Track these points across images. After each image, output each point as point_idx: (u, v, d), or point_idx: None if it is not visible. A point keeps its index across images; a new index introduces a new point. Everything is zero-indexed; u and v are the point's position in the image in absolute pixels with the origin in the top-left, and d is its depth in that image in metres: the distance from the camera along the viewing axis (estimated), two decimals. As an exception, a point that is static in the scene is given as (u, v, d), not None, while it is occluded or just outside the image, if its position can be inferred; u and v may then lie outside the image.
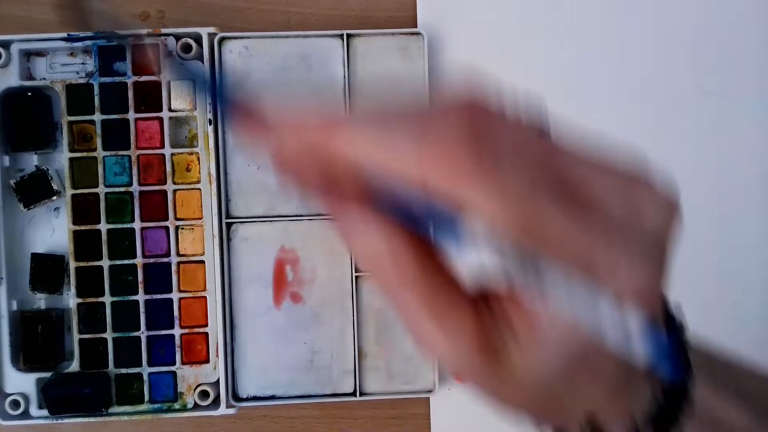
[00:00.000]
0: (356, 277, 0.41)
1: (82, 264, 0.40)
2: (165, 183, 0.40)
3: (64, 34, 0.40)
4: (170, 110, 0.40)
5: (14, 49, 0.40)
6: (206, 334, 0.41)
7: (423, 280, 0.18)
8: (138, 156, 0.40)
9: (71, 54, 0.41)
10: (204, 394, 0.40)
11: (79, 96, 0.40)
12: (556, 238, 0.17)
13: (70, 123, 0.40)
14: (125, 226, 0.40)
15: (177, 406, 0.40)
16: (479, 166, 0.16)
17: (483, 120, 0.17)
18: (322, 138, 0.18)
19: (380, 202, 0.18)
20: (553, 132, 0.18)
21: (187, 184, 0.41)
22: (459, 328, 0.19)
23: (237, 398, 0.41)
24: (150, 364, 0.40)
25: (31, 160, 0.41)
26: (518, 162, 0.17)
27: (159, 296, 0.40)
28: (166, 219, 0.40)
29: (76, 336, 0.40)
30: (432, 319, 0.19)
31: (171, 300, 0.40)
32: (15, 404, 0.39)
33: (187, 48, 0.40)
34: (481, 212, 0.16)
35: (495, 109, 0.17)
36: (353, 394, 0.41)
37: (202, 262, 0.41)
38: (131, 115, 0.40)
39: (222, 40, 0.41)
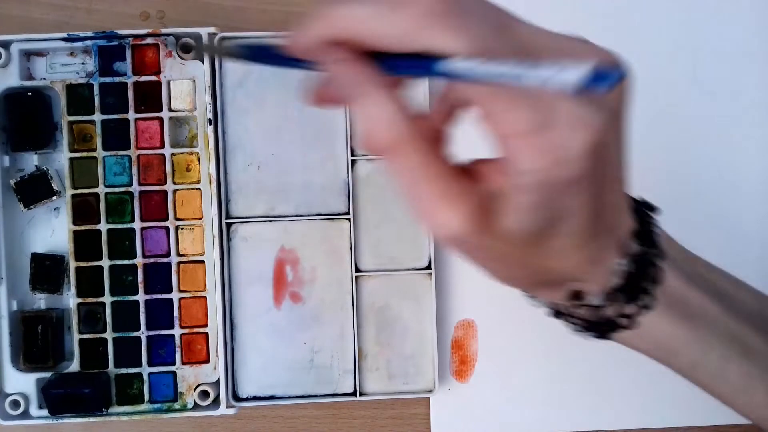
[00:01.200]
0: (356, 277, 0.41)
1: (82, 264, 0.40)
2: (165, 183, 0.40)
3: (64, 34, 0.40)
4: (170, 110, 0.40)
5: (14, 49, 0.40)
6: (206, 334, 0.41)
7: (433, 167, 0.21)
8: (138, 156, 0.40)
9: (71, 54, 0.41)
10: (204, 394, 0.40)
11: (79, 96, 0.40)
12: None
13: (70, 123, 0.40)
14: (125, 226, 0.40)
15: (177, 406, 0.40)
16: (449, 13, 0.20)
17: None
18: (325, 20, 0.21)
19: (382, 65, 0.21)
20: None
21: (187, 184, 0.41)
22: (459, 201, 0.21)
23: (237, 398, 0.41)
24: (150, 364, 0.40)
25: (31, 160, 0.41)
26: (482, 17, 0.20)
27: (159, 296, 0.40)
28: (166, 219, 0.40)
29: (76, 336, 0.40)
30: (442, 201, 0.21)
31: (171, 300, 0.40)
32: (15, 404, 0.39)
33: (187, 48, 0.40)
34: (449, 50, 0.19)
35: None
36: (353, 394, 0.41)
37: (202, 262, 0.41)
38: (131, 115, 0.40)
39: (222, 40, 0.41)
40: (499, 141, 0.21)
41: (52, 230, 0.41)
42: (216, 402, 0.40)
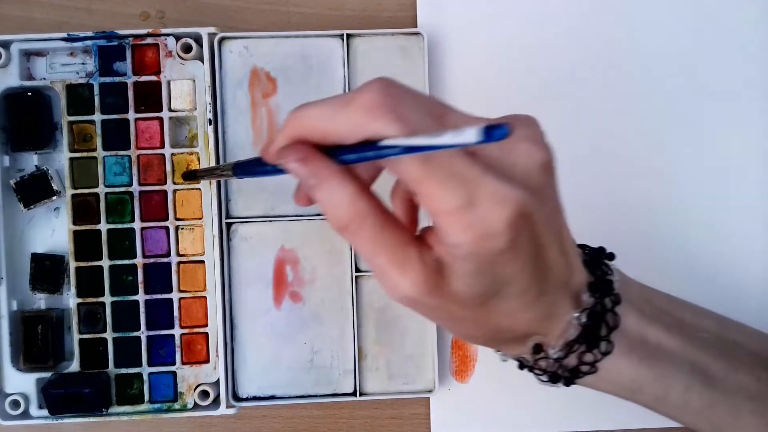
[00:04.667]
0: (356, 277, 0.41)
1: (82, 264, 0.40)
2: (165, 183, 0.40)
3: (64, 34, 0.40)
4: (170, 110, 0.40)
5: (14, 49, 0.40)
6: (206, 334, 0.41)
7: (387, 239, 0.24)
8: (138, 156, 0.40)
9: (71, 54, 0.41)
10: (204, 394, 0.40)
11: (79, 96, 0.40)
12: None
13: (70, 123, 0.40)
14: (125, 226, 0.40)
15: (177, 406, 0.40)
16: (387, 103, 0.22)
17: (392, 83, 0.23)
18: (288, 125, 0.24)
19: (337, 157, 0.24)
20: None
21: (187, 184, 0.41)
22: (410, 267, 0.24)
23: (237, 398, 0.41)
24: (150, 364, 0.40)
25: (31, 160, 0.41)
26: (417, 107, 0.23)
27: (159, 296, 0.40)
28: (166, 219, 0.40)
29: (76, 336, 0.40)
30: (395, 268, 0.24)
31: (171, 300, 0.40)
32: (15, 404, 0.39)
33: (187, 48, 0.40)
34: (391, 134, 0.22)
35: (400, 84, 0.24)
36: (353, 394, 0.41)
37: (202, 262, 0.41)
38: (131, 115, 0.40)
39: (222, 40, 0.41)
40: (433, 218, 0.23)
41: (52, 230, 0.41)
42: (216, 402, 0.40)
